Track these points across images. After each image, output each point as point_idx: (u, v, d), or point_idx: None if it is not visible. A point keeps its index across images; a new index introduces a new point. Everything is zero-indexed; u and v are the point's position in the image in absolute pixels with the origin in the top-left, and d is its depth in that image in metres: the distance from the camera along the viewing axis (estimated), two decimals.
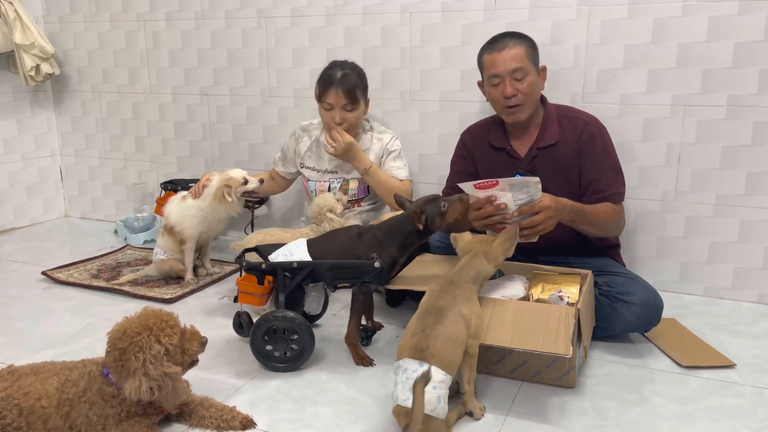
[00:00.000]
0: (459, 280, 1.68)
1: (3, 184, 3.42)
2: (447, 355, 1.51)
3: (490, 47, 2.13)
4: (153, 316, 1.52)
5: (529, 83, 2.08)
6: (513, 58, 2.06)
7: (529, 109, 2.12)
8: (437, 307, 1.59)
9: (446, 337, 1.53)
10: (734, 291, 2.43)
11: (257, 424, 1.64)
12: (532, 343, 1.66)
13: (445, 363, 1.50)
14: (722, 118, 2.31)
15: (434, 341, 1.51)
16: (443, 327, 1.54)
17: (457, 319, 1.57)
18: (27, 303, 2.47)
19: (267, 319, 1.89)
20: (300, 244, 1.97)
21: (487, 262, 1.75)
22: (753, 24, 2.21)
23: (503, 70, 2.07)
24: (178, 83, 3.22)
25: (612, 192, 2.11)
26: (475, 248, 1.78)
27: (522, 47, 2.08)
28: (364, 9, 2.74)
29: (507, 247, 1.78)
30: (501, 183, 1.80)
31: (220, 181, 2.50)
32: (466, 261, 1.75)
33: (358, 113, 2.47)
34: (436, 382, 1.46)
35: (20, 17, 3.19)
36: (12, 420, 1.49)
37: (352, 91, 2.43)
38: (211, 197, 2.49)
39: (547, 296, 1.98)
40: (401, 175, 2.49)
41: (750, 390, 1.80)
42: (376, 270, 1.86)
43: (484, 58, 2.15)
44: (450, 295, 1.62)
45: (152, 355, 1.47)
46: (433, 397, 1.45)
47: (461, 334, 1.56)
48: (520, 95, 2.07)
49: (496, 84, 2.10)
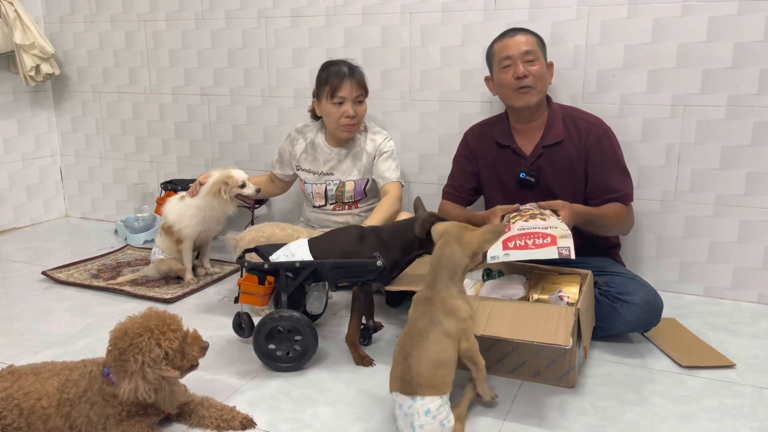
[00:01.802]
0: (434, 294, 1.57)
1: (3, 184, 3.43)
2: (436, 379, 1.48)
3: (501, 36, 2.19)
4: (156, 317, 1.52)
5: (540, 67, 2.12)
6: (525, 42, 2.12)
7: (539, 95, 2.14)
8: (416, 330, 1.53)
9: (429, 362, 1.48)
10: (734, 291, 2.43)
11: (257, 424, 1.64)
12: (531, 335, 1.66)
13: (437, 387, 1.48)
14: (722, 118, 2.31)
15: (418, 368, 1.47)
16: (425, 350, 1.49)
17: (438, 339, 1.51)
18: (27, 303, 2.47)
19: (271, 319, 1.89)
20: (301, 244, 1.98)
21: (461, 249, 1.58)
22: (753, 24, 2.21)
23: (515, 51, 2.11)
24: (179, 83, 3.23)
25: (622, 193, 2.12)
26: (449, 233, 1.62)
27: (532, 37, 2.15)
28: (364, 9, 2.75)
29: (488, 239, 1.61)
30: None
31: (219, 176, 2.50)
32: (438, 252, 1.62)
33: (365, 106, 2.48)
34: (434, 411, 1.46)
35: (20, 17, 3.19)
36: (12, 420, 1.49)
37: (363, 82, 2.45)
38: (207, 190, 2.49)
39: (547, 296, 1.98)
40: (392, 176, 2.48)
41: (750, 390, 1.80)
42: (379, 269, 1.86)
43: (494, 47, 2.19)
44: (428, 316, 1.54)
45: (151, 358, 1.46)
46: (436, 425, 1.46)
47: (447, 353, 1.51)
48: (531, 77, 2.10)
49: (507, 66, 2.13)
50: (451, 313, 1.55)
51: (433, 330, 1.52)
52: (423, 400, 1.46)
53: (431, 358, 1.49)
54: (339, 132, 2.46)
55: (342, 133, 2.46)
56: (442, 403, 1.48)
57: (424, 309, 1.56)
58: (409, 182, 2.80)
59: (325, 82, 2.42)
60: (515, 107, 2.16)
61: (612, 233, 2.19)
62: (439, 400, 1.47)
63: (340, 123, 2.43)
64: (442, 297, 1.57)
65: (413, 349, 1.50)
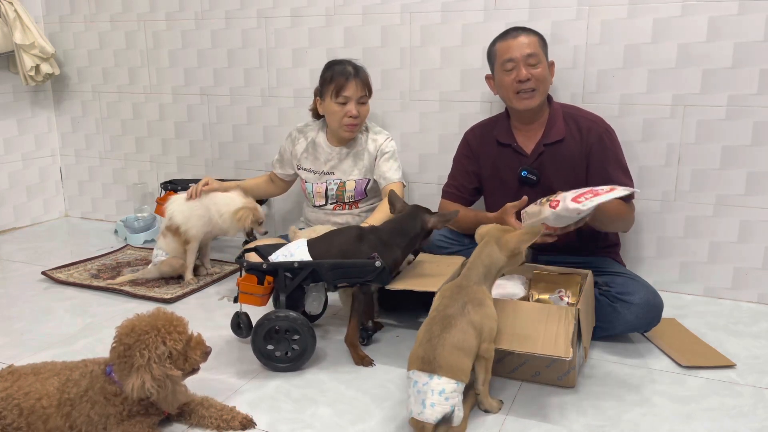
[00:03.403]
0: (468, 284, 1.64)
1: (3, 184, 3.43)
2: (455, 363, 1.51)
3: (504, 36, 2.17)
4: (163, 317, 1.53)
5: (543, 69, 2.12)
6: (528, 44, 2.11)
7: (541, 97, 2.13)
8: (445, 315, 1.57)
9: (453, 346, 1.52)
10: (734, 291, 2.43)
11: (257, 424, 1.64)
12: (531, 346, 1.67)
13: (455, 372, 1.50)
14: (722, 118, 2.31)
15: (441, 351, 1.50)
16: (450, 335, 1.53)
17: (465, 328, 1.55)
18: (27, 303, 2.47)
19: (269, 319, 1.89)
20: (300, 244, 1.97)
21: (499, 249, 1.67)
22: (753, 24, 2.21)
23: (518, 54, 2.10)
24: (178, 83, 3.23)
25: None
26: (490, 234, 1.71)
27: (535, 37, 2.14)
28: (364, 9, 2.75)
29: (524, 240, 1.67)
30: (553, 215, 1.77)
31: (248, 204, 2.53)
32: (478, 250, 1.70)
33: (368, 107, 2.48)
34: (448, 393, 1.48)
35: (20, 17, 3.19)
36: (12, 420, 1.49)
37: (368, 83, 2.45)
38: (231, 214, 2.51)
39: (547, 296, 1.98)
40: (394, 177, 2.47)
41: (750, 390, 1.80)
42: (378, 270, 1.86)
43: (496, 47, 2.17)
44: (459, 303, 1.59)
45: (157, 354, 1.47)
46: (447, 407, 1.48)
47: (470, 342, 1.55)
48: (533, 80, 2.10)
49: (509, 69, 2.12)
50: (480, 305, 1.60)
51: (462, 318, 1.56)
52: (440, 379, 1.48)
53: (455, 344, 1.52)
54: (341, 131, 2.46)
55: (344, 132, 2.46)
56: (457, 388, 1.50)
57: (455, 296, 1.61)
58: (409, 182, 2.80)
59: (330, 80, 2.42)
60: (517, 109, 2.16)
61: (612, 228, 2.18)
62: (454, 384, 1.49)
63: (342, 122, 2.43)
64: (474, 288, 1.62)
65: (440, 332, 1.54)
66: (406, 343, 2.10)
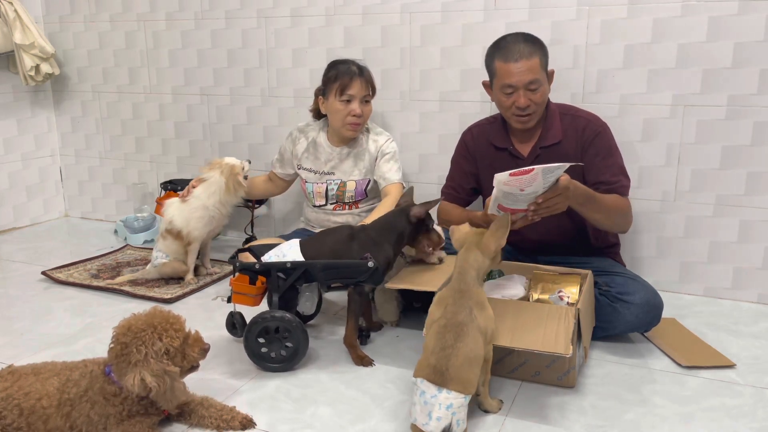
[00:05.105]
0: (467, 288, 1.62)
1: (3, 184, 3.42)
2: (466, 375, 1.50)
3: (504, 55, 2.05)
4: (160, 316, 1.53)
5: (542, 93, 2.07)
6: (529, 70, 2.01)
7: (538, 116, 2.12)
8: (456, 323, 1.55)
9: (466, 357, 1.51)
10: (734, 291, 2.43)
11: (257, 424, 1.64)
12: (531, 343, 1.66)
13: (465, 384, 1.50)
14: (722, 118, 2.31)
15: (454, 362, 1.50)
16: (464, 345, 1.51)
17: (475, 335, 1.54)
18: (27, 303, 2.47)
19: (261, 319, 1.89)
20: (293, 244, 1.97)
21: (481, 253, 1.65)
22: (753, 24, 2.21)
23: (518, 81, 2.03)
24: (178, 83, 3.23)
25: (619, 184, 2.10)
26: (468, 240, 1.68)
27: (536, 57, 2.03)
28: (364, 9, 2.75)
29: (499, 236, 1.65)
30: (536, 170, 1.70)
31: (226, 173, 2.53)
32: (462, 257, 1.68)
33: (371, 108, 2.48)
34: (455, 407, 1.48)
35: (20, 17, 3.19)
36: (12, 420, 1.49)
37: (372, 82, 2.45)
38: (223, 191, 2.53)
39: (547, 296, 1.98)
40: (394, 178, 2.47)
41: (750, 390, 1.80)
42: (370, 270, 1.86)
43: (496, 66, 2.08)
44: (466, 308, 1.57)
45: (154, 350, 1.48)
46: (452, 421, 1.47)
47: (480, 351, 1.55)
48: (533, 105, 2.06)
49: (509, 93, 2.07)
50: (483, 308, 1.59)
51: (472, 326, 1.55)
52: (449, 394, 1.48)
53: (467, 354, 1.51)
54: (344, 130, 2.46)
55: (347, 131, 2.46)
56: (464, 403, 1.50)
57: (459, 302, 1.59)
58: (409, 182, 2.80)
59: (335, 78, 2.42)
60: (513, 127, 2.17)
61: (610, 225, 2.15)
62: (462, 399, 1.49)
63: (346, 121, 2.43)
64: (475, 291, 1.62)
65: (454, 341, 1.52)
66: (406, 343, 2.10)
